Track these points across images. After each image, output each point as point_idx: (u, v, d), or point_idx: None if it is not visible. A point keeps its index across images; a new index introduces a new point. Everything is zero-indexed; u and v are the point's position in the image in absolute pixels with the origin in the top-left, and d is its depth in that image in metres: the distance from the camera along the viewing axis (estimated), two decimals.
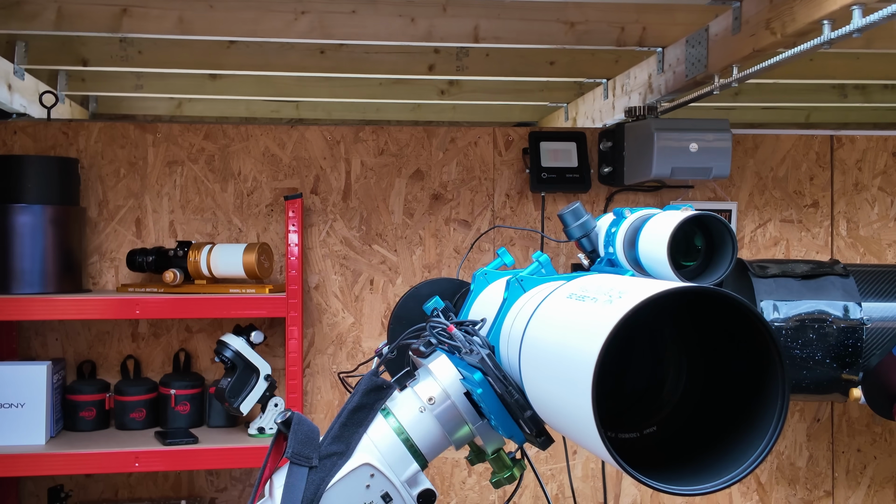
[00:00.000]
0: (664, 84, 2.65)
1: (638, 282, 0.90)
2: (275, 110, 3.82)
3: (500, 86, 3.44)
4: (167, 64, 2.88)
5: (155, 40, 2.81)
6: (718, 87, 2.27)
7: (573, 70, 3.05)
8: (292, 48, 2.89)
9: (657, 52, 2.68)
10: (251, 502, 1.08)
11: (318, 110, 3.83)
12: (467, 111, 3.90)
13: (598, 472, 2.68)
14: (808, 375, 2.06)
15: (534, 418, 1.01)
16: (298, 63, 2.91)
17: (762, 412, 0.87)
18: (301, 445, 1.05)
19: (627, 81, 2.98)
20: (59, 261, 2.31)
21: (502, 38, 2.54)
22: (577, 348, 0.83)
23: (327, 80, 3.34)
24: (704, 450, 0.92)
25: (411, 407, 1.10)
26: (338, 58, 2.92)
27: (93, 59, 2.85)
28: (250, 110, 3.81)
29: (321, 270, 2.59)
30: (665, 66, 2.65)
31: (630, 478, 0.98)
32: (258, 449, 2.22)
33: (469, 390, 1.08)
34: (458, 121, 3.88)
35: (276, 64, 2.91)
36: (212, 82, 3.35)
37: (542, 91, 3.50)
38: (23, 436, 2.21)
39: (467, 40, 2.52)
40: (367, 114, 3.84)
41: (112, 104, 3.73)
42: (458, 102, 3.70)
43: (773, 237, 2.75)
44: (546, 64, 3.00)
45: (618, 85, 3.08)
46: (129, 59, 2.85)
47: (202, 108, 3.80)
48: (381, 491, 1.05)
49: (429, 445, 1.10)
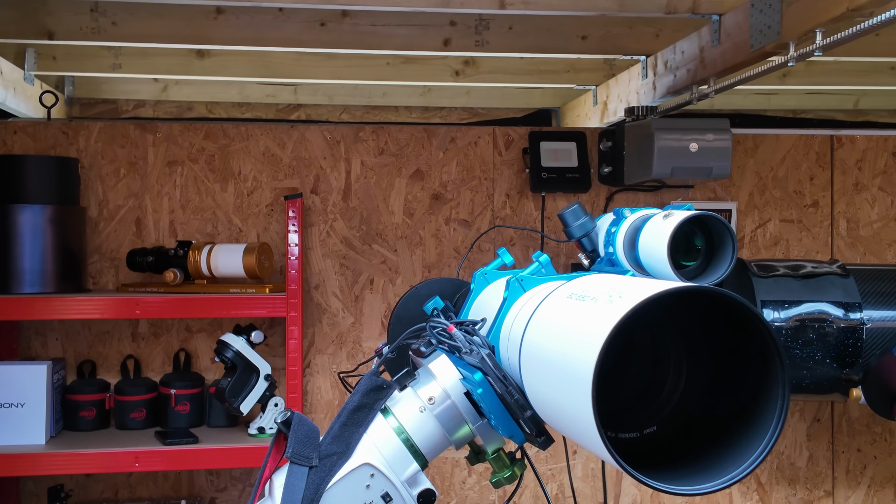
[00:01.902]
0: (720, 57, 2.29)
1: (638, 282, 0.90)
2: (271, 94, 3.33)
3: (522, 66, 3.05)
4: (146, 37, 2.51)
5: (130, 7, 2.45)
6: (795, 58, 1.96)
7: (607, 45, 2.66)
8: (288, 18, 2.50)
9: (712, 21, 2.31)
10: (251, 502, 1.08)
11: (318, 94, 3.34)
12: (483, 96, 3.45)
13: (598, 472, 2.68)
14: (808, 375, 2.06)
15: (534, 418, 1.02)
16: (295, 36, 2.53)
17: (762, 412, 0.87)
18: (301, 445, 1.05)
19: (673, 57, 2.57)
20: (59, 261, 2.31)
21: (532, 2, 2.21)
22: (577, 348, 0.83)
23: (328, 59, 2.93)
24: (704, 450, 0.92)
25: (411, 407, 1.10)
26: (340, 31, 2.54)
27: (60, 30, 2.46)
28: (244, 94, 3.33)
29: (321, 270, 2.59)
30: (722, 36, 2.29)
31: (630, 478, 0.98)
32: (258, 449, 2.22)
33: (469, 390, 1.08)
34: (473, 106, 3.48)
35: (271, 37, 2.52)
36: (199, 61, 2.92)
37: (567, 72, 3.10)
38: (23, 436, 2.21)
39: (491, 6, 2.19)
40: (373, 98, 3.36)
41: (89, 87, 3.26)
42: (473, 85, 3.26)
43: (773, 237, 2.75)
44: (577, 38, 2.61)
45: (660, 61, 2.67)
46: (102, 32, 2.47)
47: (190, 92, 3.30)
48: (381, 491, 1.05)
49: (429, 445, 1.10)
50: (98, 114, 3.30)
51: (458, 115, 3.52)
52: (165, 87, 3.27)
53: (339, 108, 3.40)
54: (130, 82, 3.26)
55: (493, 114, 3.53)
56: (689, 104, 2.51)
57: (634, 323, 0.79)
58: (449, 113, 3.51)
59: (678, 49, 2.55)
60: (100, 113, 3.31)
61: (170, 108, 3.39)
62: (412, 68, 3.00)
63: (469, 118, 3.50)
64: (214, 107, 3.37)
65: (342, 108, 3.41)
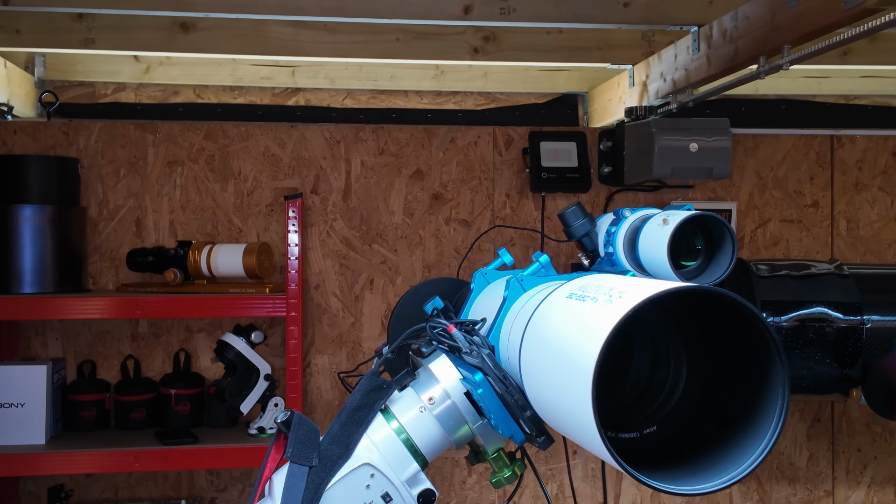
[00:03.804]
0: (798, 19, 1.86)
1: (638, 282, 0.90)
2: (266, 77, 2.92)
3: (549, 42, 2.67)
4: (119, 3, 2.22)
5: None
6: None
7: (652, 13, 2.34)
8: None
9: None
10: (251, 502, 1.08)
11: (318, 77, 2.93)
12: (501, 78, 3.05)
13: (598, 472, 2.68)
14: (808, 375, 2.06)
15: (534, 418, 1.02)
16: (293, 3, 2.23)
17: (762, 412, 0.87)
18: (301, 445, 1.05)
19: (733, 24, 2.15)
20: (59, 261, 2.31)
21: None
22: (577, 348, 0.83)
23: (330, 34, 2.57)
24: (704, 450, 0.92)
25: (411, 407, 1.10)
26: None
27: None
28: (236, 76, 2.91)
29: (321, 270, 2.59)
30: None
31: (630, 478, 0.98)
32: (258, 449, 2.22)
33: (469, 390, 1.08)
34: (490, 91, 3.09)
35: (264, 4, 2.22)
36: (184, 35, 2.52)
37: (600, 49, 2.71)
38: (23, 436, 2.21)
39: None
40: (380, 81, 2.97)
41: (62, 67, 2.83)
42: (493, 64, 2.92)
43: (773, 237, 2.75)
44: (618, 5, 2.33)
45: (716, 31, 2.25)
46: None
47: (176, 74, 2.88)
48: (381, 491, 1.05)
49: (429, 445, 1.10)
50: (73, 98, 2.87)
51: (475, 101, 3.09)
52: (148, 67, 2.85)
53: (341, 92, 3.01)
54: (108, 62, 2.84)
55: (513, 99, 3.12)
56: (757, 78, 2.04)
57: (634, 323, 0.79)
58: (464, 98, 3.09)
59: (741, 14, 2.13)
60: (75, 97, 2.87)
61: (153, 92, 2.94)
62: (425, 44, 2.61)
63: (486, 104, 3.09)
64: (203, 90, 2.93)
65: (345, 92, 3.02)
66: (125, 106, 2.89)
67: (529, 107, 3.12)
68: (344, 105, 3.02)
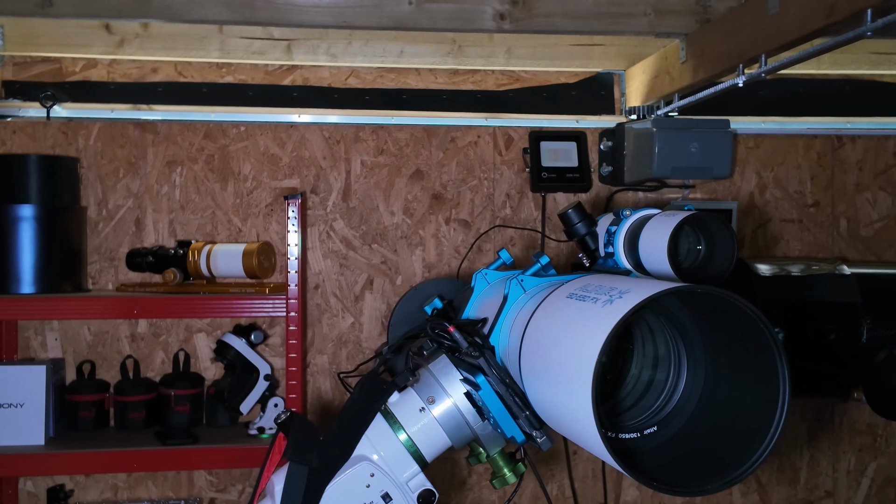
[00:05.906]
0: None
1: (638, 282, 0.90)
2: (258, 52, 2.51)
3: (589, 6, 2.23)
4: None
5: None
6: None
7: None
8: None
9: None
10: (251, 502, 1.08)
11: (318, 52, 2.54)
12: (526, 54, 2.62)
13: (598, 473, 2.67)
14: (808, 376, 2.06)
15: (534, 418, 1.02)
16: None
17: (763, 412, 0.87)
18: (301, 446, 1.05)
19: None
20: (59, 261, 2.31)
21: None
22: (577, 348, 0.83)
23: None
24: (704, 450, 0.91)
25: (411, 407, 1.10)
26: None
27: None
28: (225, 50, 2.51)
29: (321, 270, 2.59)
30: None
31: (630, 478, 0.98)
32: (258, 449, 2.22)
33: (469, 391, 1.08)
34: (513, 69, 2.72)
35: None
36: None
37: (645, 16, 2.24)
38: (22, 436, 2.21)
39: None
40: (387, 59, 2.59)
41: (23, 40, 2.43)
42: (519, 36, 2.51)
43: (774, 237, 2.75)
44: None
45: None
46: None
47: (154, 48, 2.48)
48: (381, 491, 1.05)
49: (429, 445, 1.10)
50: (36, 76, 2.54)
51: (496, 80, 2.73)
52: (122, 40, 2.45)
53: (344, 70, 2.66)
54: (76, 33, 2.43)
55: (540, 78, 2.73)
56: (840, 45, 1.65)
57: (634, 323, 0.79)
58: (483, 77, 2.71)
59: None
60: (38, 75, 2.55)
61: (128, 70, 2.58)
62: (441, 12, 2.18)
63: (509, 83, 2.73)
64: (186, 67, 2.60)
65: (348, 70, 2.66)
66: (96, 85, 2.57)
67: (558, 87, 2.75)
68: (347, 84, 2.66)
